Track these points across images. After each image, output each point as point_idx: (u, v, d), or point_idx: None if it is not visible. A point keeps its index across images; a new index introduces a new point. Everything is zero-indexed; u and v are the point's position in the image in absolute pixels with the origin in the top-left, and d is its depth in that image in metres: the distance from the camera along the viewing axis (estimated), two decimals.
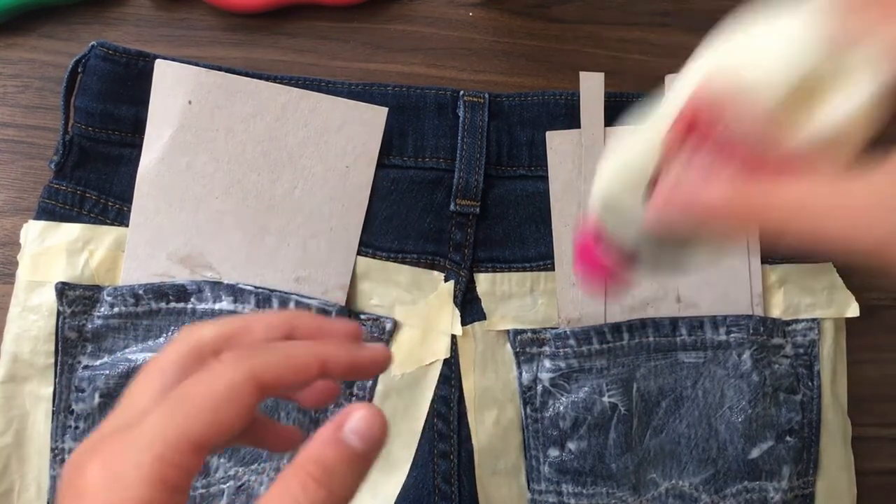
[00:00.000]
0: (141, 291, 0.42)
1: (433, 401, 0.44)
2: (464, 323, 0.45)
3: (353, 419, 0.24)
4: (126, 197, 0.43)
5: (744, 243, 0.45)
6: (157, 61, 0.43)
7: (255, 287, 0.43)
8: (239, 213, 0.43)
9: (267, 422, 0.31)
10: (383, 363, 0.28)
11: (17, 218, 0.46)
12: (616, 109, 0.46)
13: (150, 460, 0.22)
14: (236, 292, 0.43)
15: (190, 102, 0.42)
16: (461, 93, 0.45)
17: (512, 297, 0.45)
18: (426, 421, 0.44)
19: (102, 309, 0.42)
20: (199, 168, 0.43)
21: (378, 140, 0.44)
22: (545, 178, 0.45)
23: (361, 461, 0.24)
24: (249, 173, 0.43)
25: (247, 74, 0.44)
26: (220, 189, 0.43)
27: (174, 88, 0.42)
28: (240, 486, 0.42)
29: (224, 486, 0.42)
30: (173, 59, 0.43)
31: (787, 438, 0.44)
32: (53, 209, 0.43)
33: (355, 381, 0.44)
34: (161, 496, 0.22)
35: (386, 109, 0.44)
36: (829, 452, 0.45)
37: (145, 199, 0.43)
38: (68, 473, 0.23)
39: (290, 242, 0.44)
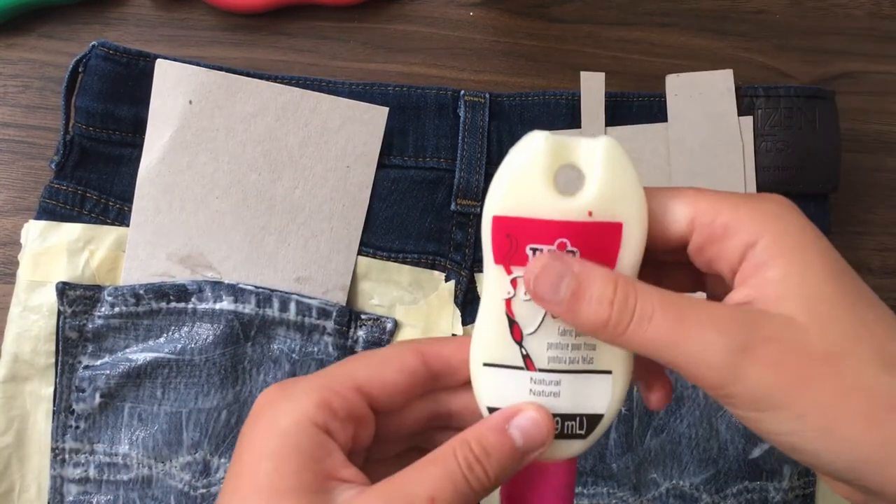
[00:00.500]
0: (141, 291, 0.42)
1: None
2: (464, 323, 0.45)
3: (522, 417, 0.26)
4: (127, 197, 0.43)
5: None
6: (158, 61, 0.43)
7: (256, 287, 0.43)
8: (239, 213, 0.43)
9: None
10: None
11: (17, 218, 0.46)
12: (616, 109, 0.46)
13: (316, 386, 0.26)
14: (237, 292, 0.43)
15: (190, 102, 0.42)
16: (462, 93, 0.45)
17: None
18: None
19: (103, 309, 0.42)
20: (199, 168, 0.43)
21: (379, 140, 0.44)
22: None
23: (518, 457, 0.26)
24: (250, 173, 0.43)
25: (247, 74, 0.44)
26: (221, 189, 0.43)
27: (175, 88, 0.42)
28: None
29: None
30: (174, 59, 0.43)
31: None
32: (54, 209, 0.43)
33: None
34: (322, 415, 0.25)
35: (386, 109, 0.44)
36: None
37: (146, 199, 0.43)
38: (255, 404, 0.27)
39: (291, 242, 0.44)
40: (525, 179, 0.26)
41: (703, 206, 0.25)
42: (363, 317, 0.44)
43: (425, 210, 0.45)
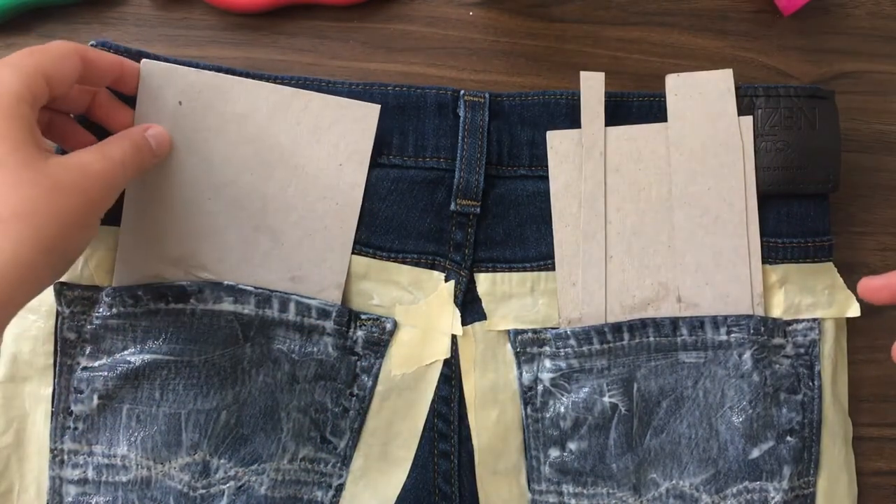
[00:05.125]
0: (140, 292, 0.42)
1: (434, 401, 0.44)
2: (464, 323, 0.45)
3: (153, 130, 0.40)
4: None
5: (744, 243, 0.45)
6: (144, 61, 0.42)
7: (255, 287, 0.43)
8: (232, 214, 0.43)
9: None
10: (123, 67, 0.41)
11: None
12: (616, 109, 0.46)
13: (25, 73, 0.34)
14: (236, 293, 0.43)
15: (180, 103, 0.42)
16: (462, 92, 0.45)
17: (512, 297, 0.45)
18: (427, 421, 0.44)
19: (101, 310, 0.42)
20: (190, 169, 0.42)
21: (371, 138, 0.44)
22: (546, 178, 0.45)
23: (152, 157, 0.40)
24: (242, 173, 0.43)
25: (246, 74, 0.44)
26: (213, 190, 0.43)
27: (163, 89, 0.42)
28: (240, 487, 0.42)
29: (224, 487, 0.42)
30: (173, 60, 0.43)
31: (788, 438, 0.44)
32: None
33: (356, 381, 0.44)
34: (31, 96, 0.34)
35: (378, 107, 0.43)
36: (829, 452, 0.45)
37: (136, 201, 0.42)
38: None
39: (285, 242, 0.43)
40: None
41: None
42: (363, 317, 0.44)
43: (425, 210, 0.45)
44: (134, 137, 0.39)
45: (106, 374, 0.42)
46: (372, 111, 0.43)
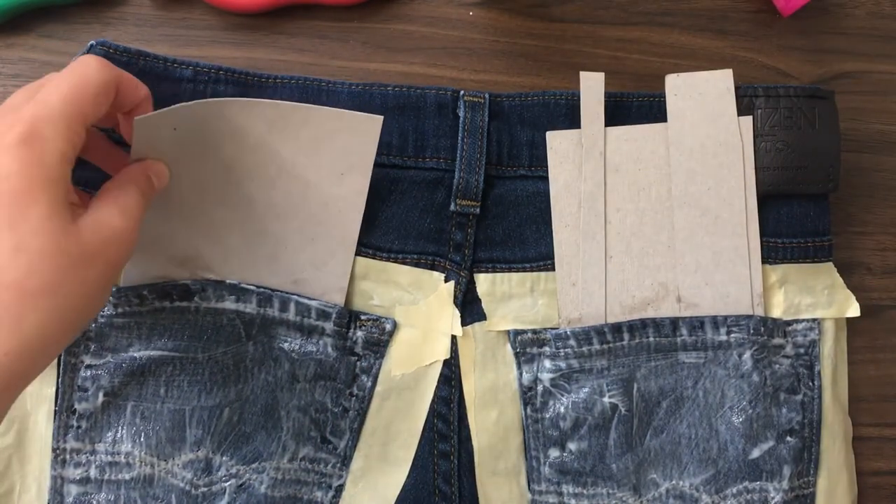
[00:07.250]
0: (145, 291, 0.42)
1: (433, 401, 0.44)
2: (464, 323, 0.45)
3: (155, 166, 0.38)
4: None
5: (744, 243, 0.45)
6: (136, 119, 0.37)
7: (257, 287, 0.43)
8: (236, 219, 0.43)
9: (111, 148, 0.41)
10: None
11: None
12: (616, 109, 0.46)
13: (66, 125, 0.32)
14: (238, 291, 0.43)
15: (175, 129, 0.39)
16: (461, 93, 0.45)
17: (512, 298, 0.45)
18: (426, 421, 0.44)
19: (106, 309, 0.42)
20: (192, 180, 0.41)
21: (374, 148, 0.42)
22: (546, 179, 0.45)
23: (153, 193, 0.38)
24: (243, 182, 0.42)
25: (246, 74, 0.44)
26: (216, 198, 0.42)
27: (157, 127, 0.38)
28: (241, 485, 0.43)
29: (226, 485, 0.42)
30: (173, 60, 0.43)
31: (788, 438, 0.44)
32: None
33: (356, 382, 0.44)
34: (72, 151, 0.32)
35: (381, 118, 0.42)
36: (829, 452, 0.45)
37: None
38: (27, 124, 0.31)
39: (288, 246, 0.43)
40: None
41: None
42: (362, 317, 0.44)
43: (425, 210, 0.45)
44: (140, 184, 0.36)
45: (111, 371, 0.42)
46: (375, 123, 0.42)
